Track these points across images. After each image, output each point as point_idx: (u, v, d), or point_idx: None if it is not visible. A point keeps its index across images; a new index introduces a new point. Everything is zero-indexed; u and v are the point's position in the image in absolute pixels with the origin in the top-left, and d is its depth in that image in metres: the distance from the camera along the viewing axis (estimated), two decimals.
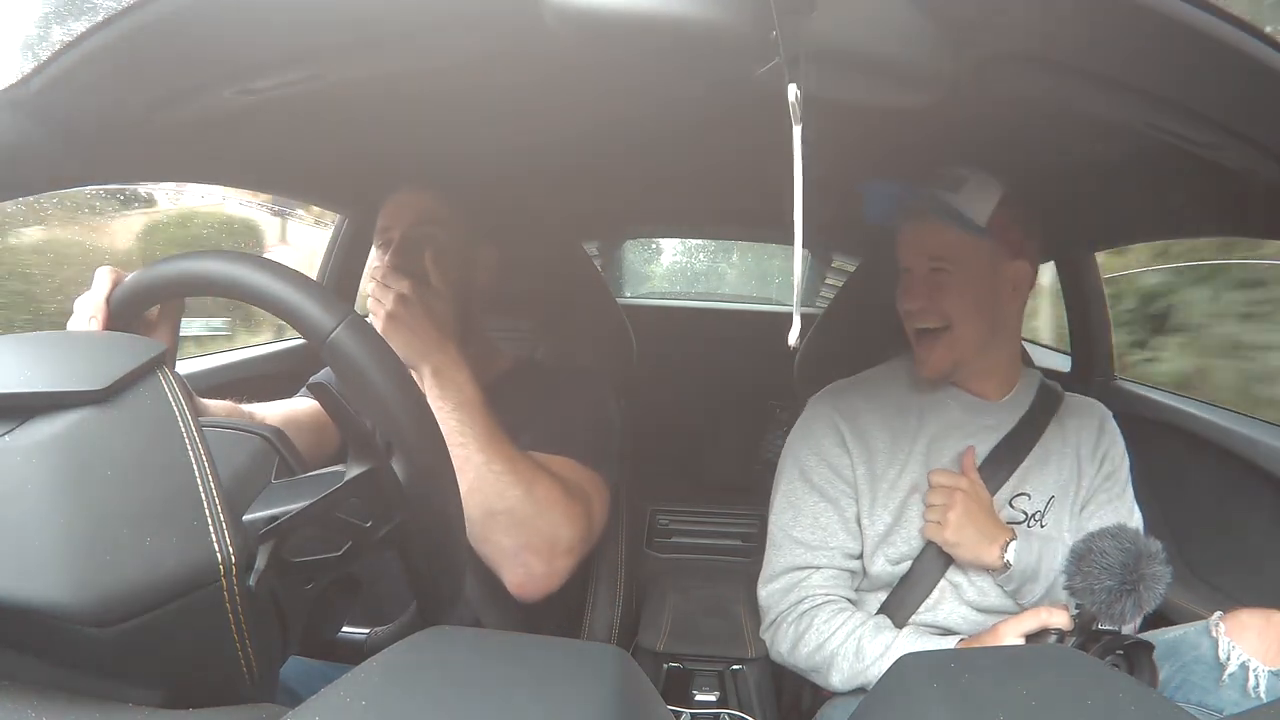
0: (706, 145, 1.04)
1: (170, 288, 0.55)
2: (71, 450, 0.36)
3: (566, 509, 0.80)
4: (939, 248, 0.91)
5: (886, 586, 0.94)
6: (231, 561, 0.38)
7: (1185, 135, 0.63)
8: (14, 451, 0.35)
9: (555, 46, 0.56)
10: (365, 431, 0.48)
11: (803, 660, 0.91)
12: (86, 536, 0.35)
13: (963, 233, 0.89)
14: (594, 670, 0.37)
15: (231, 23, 0.57)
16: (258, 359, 1.34)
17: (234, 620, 0.39)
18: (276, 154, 1.01)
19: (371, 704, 0.32)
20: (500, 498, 0.77)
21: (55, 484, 0.35)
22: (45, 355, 0.42)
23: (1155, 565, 0.72)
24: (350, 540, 0.48)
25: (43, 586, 0.33)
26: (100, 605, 0.34)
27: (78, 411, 0.37)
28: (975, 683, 0.39)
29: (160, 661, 0.36)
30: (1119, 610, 0.71)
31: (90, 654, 0.34)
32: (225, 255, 0.52)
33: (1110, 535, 0.73)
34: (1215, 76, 0.55)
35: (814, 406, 1.00)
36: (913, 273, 0.94)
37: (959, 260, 0.90)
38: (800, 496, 0.96)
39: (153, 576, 0.35)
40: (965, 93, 0.60)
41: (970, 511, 0.88)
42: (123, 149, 0.74)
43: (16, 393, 0.37)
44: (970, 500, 0.89)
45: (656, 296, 2.96)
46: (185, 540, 0.37)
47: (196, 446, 0.40)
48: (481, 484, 0.76)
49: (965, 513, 0.88)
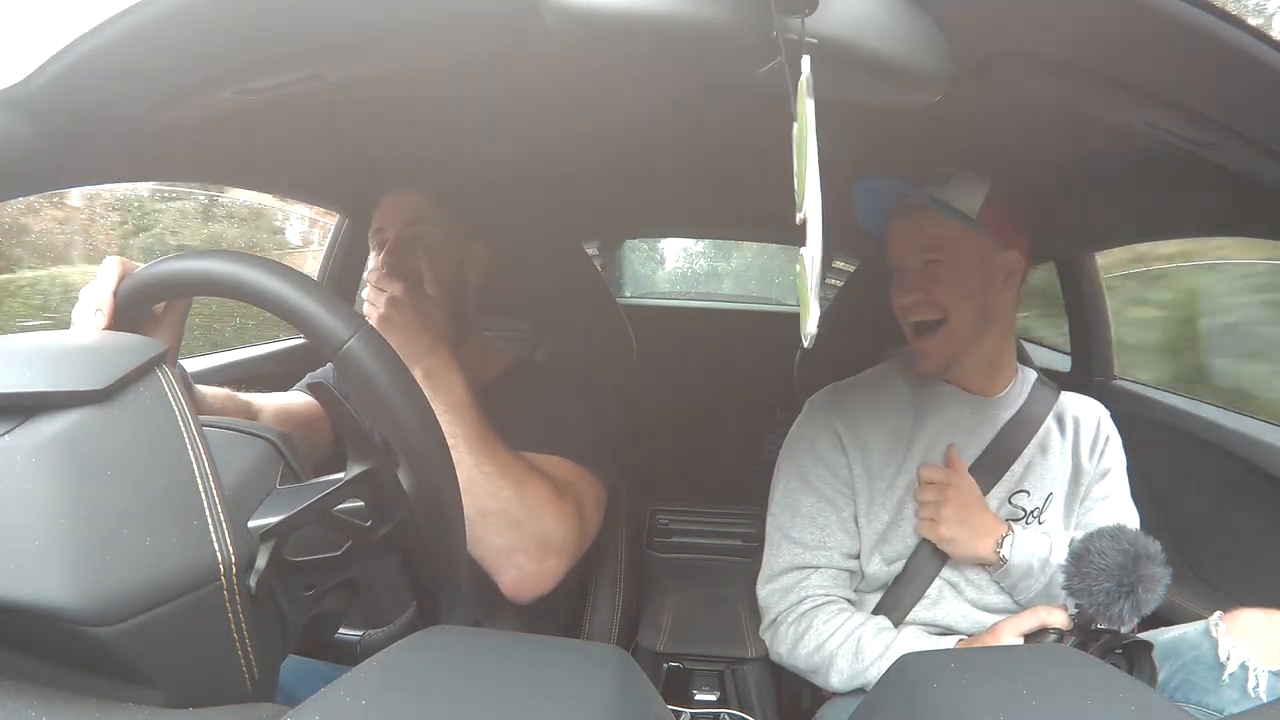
0: (707, 145, 1.04)
1: (182, 285, 0.55)
2: (71, 450, 0.36)
3: (558, 509, 0.81)
4: (932, 239, 0.92)
5: (883, 587, 0.95)
6: (231, 561, 0.38)
7: (1185, 135, 0.63)
8: (14, 451, 0.35)
9: (555, 47, 0.56)
10: (364, 431, 0.48)
11: (802, 661, 0.91)
12: (86, 536, 0.34)
13: (953, 223, 0.90)
14: (594, 670, 0.37)
15: (231, 23, 0.57)
16: (257, 359, 1.34)
17: (234, 620, 0.39)
18: (276, 154, 1.01)
19: (371, 704, 0.32)
20: (492, 498, 0.77)
21: (55, 484, 0.35)
22: (45, 355, 0.42)
23: (1154, 566, 0.72)
24: (350, 540, 0.48)
25: (43, 586, 0.33)
26: (100, 605, 0.34)
27: (77, 411, 0.37)
28: (975, 682, 0.39)
29: (160, 661, 0.36)
30: (1117, 611, 0.71)
31: (90, 654, 0.34)
32: (241, 257, 0.51)
33: (1109, 536, 0.73)
34: (1215, 76, 0.55)
35: (810, 408, 1.01)
36: (905, 269, 0.94)
37: (951, 251, 0.91)
38: (798, 498, 0.96)
39: (153, 576, 0.35)
40: (965, 93, 0.60)
41: (962, 507, 0.89)
42: (123, 149, 0.74)
43: (16, 393, 0.37)
44: (961, 495, 0.89)
45: (657, 296, 2.96)
46: (185, 540, 0.37)
47: (196, 446, 0.40)
48: (472, 485, 0.76)
49: (956, 508, 0.89)
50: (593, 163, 1.19)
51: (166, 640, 0.36)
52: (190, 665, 0.38)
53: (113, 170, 0.82)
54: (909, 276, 0.94)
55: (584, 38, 0.55)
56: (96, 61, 0.57)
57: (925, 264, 0.92)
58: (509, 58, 0.63)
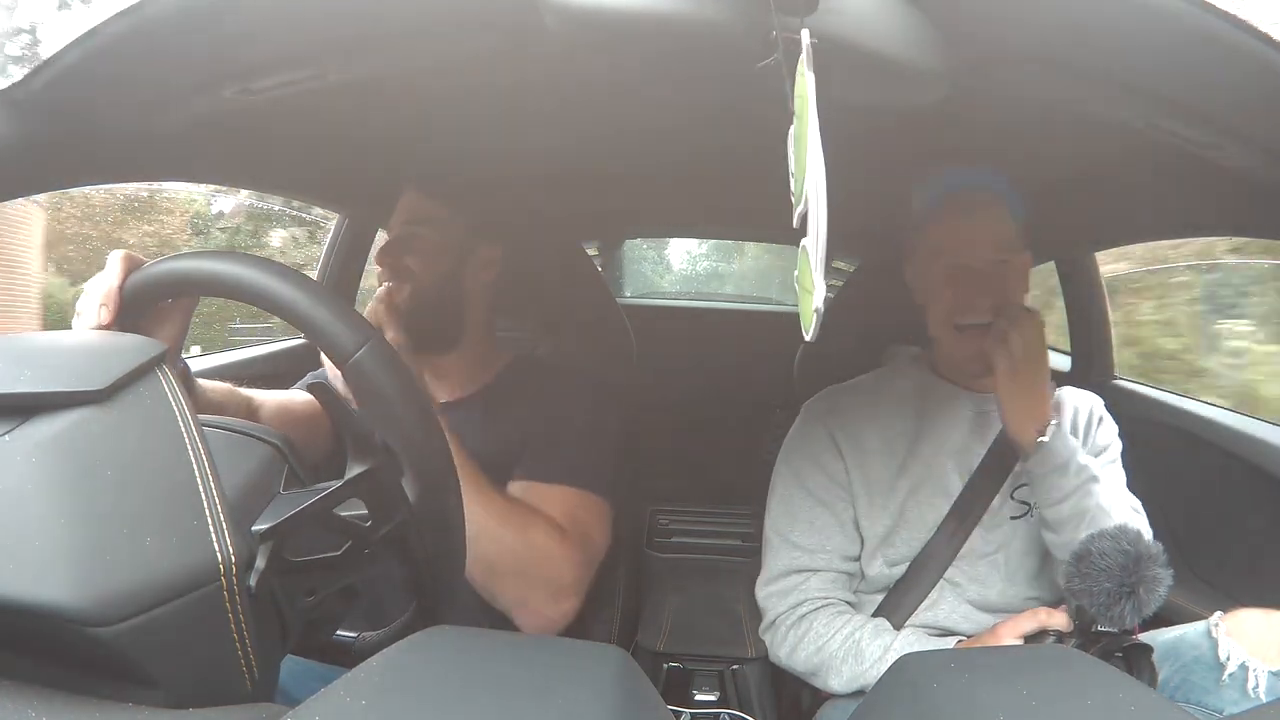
0: (707, 145, 1.04)
1: (191, 285, 0.55)
2: (71, 450, 0.36)
3: (565, 553, 0.82)
4: (1004, 239, 0.90)
5: (884, 589, 0.94)
6: (231, 561, 0.38)
7: (1186, 135, 0.63)
8: (14, 451, 0.35)
9: (555, 47, 0.56)
10: (364, 431, 0.48)
11: (801, 663, 0.91)
12: (86, 536, 0.34)
13: (1014, 223, 0.89)
14: (594, 670, 0.37)
15: (232, 23, 0.57)
16: (257, 359, 1.34)
17: (234, 620, 0.39)
18: (276, 154, 1.01)
19: (371, 704, 0.32)
20: (497, 551, 0.78)
21: (55, 484, 0.35)
22: (45, 355, 0.42)
23: (1155, 568, 0.71)
24: (350, 540, 0.48)
25: (43, 586, 0.33)
26: (100, 605, 0.33)
27: (77, 411, 0.37)
28: (975, 683, 0.39)
29: (160, 661, 0.36)
30: (1118, 613, 0.71)
31: (90, 654, 0.34)
32: (253, 260, 0.51)
33: (1110, 536, 0.73)
34: (1216, 76, 0.55)
35: (806, 413, 1.01)
36: (971, 269, 0.90)
37: (1015, 251, 0.90)
38: (795, 502, 0.96)
39: (152, 576, 0.35)
40: (965, 92, 0.60)
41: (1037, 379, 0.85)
42: (123, 149, 0.74)
43: (16, 393, 0.37)
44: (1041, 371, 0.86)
45: (657, 296, 2.96)
46: (185, 540, 0.37)
47: (196, 446, 0.40)
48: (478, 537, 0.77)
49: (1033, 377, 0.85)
50: (593, 163, 1.19)
51: (166, 640, 0.36)
52: (190, 665, 0.38)
53: (113, 170, 0.82)
54: (975, 278, 0.89)
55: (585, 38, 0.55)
56: (96, 61, 0.57)
57: (996, 264, 0.90)
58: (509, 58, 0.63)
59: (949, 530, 0.92)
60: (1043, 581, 0.93)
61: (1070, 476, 0.85)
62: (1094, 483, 0.84)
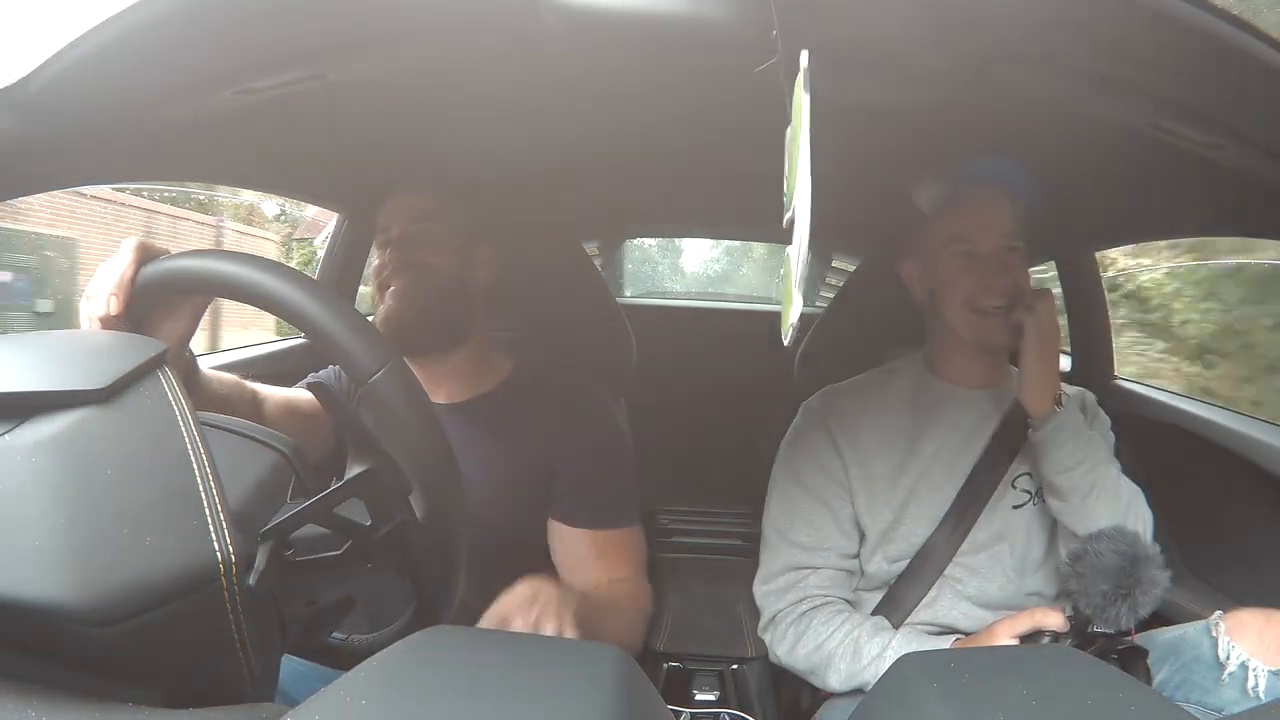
0: (707, 144, 1.04)
1: (209, 285, 0.55)
2: (71, 450, 0.36)
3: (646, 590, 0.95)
4: (1014, 226, 0.93)
5: (883, 585, 0.95)
6: (231, 561, 0.38)
7: (1186, 135, 0.63)
8: (14, 451, 0.35)
9: (556, 46, 0.56)
10: (365, 431, 0.48)
11: (800, 661, 0.91)
12: (86, 536, 0.34)
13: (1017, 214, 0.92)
14: (594, 670, 0.37)
15: (231, 22, 0.57)
16: (258, 359, 1.34)
17: (234, 620, 0.39)
18: (276, 154, 1.01)
19: (371, 704, 0.32)
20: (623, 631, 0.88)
21: (55, 484, 0.35)
22: (45, 355, 0.42)
23: (1152, 569, 0.71)
24: (350, 540, 0.48)
25: (43, 586, 0.33)
26: (100, 605, 0.33)
27: (78, 411, 0.37)
28: (975, 682, 0.39)
29: (160, 661, 0.36)
30: (1114, 614, 0.71)
31: (90, 654, 0.34)
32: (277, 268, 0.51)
33: (1107, 537, 0.73)
34: (1217, 76, 0.55)
35: (804, 412, 1.01)
36: (984, 254, 0.92)
37: (1021, 239, 0.93)
38: (794, 501, 0.96)
39: (153, 576, 0.35)
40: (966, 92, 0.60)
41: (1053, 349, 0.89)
42: (123, 149, 0.74)
43: (16, 392, 0.37)
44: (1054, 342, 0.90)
45: (656, 296, 2.96)
46: (185, 540, 0.37)
47: (197, 446, 0.40)
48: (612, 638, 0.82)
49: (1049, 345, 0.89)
50: (593, 162, 1.19)
51: (167, 640, 0.36)
52: (190, 665, 0.38)
53: (113, 170, 0.82)
54: (992, 263, 0.92)
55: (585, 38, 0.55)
56: (96, 61, 0.57)
57: (1009, 251, 0.92)
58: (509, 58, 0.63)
59: (950, 524, 0.92)
60: (1045, 574, 0.93)
61: (1082, 443, 0.87)
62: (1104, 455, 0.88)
